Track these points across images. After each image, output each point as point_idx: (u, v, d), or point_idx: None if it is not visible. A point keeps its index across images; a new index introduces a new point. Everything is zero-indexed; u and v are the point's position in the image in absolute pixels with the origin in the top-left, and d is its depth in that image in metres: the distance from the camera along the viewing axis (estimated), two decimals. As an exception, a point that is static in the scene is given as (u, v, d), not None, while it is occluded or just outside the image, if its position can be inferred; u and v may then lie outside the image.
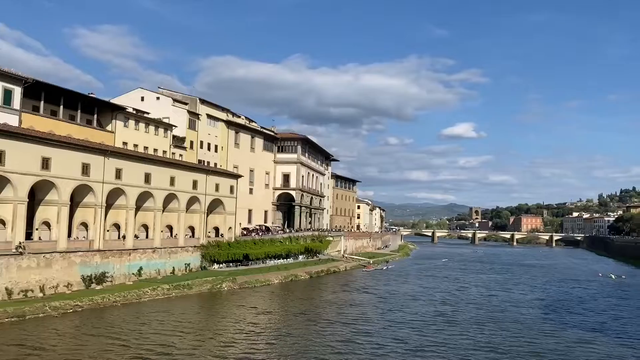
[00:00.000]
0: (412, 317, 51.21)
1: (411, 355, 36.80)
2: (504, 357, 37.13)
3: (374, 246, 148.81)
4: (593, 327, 49.01)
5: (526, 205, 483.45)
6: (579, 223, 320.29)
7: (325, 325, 46.13)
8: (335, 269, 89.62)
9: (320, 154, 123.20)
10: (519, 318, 52.70)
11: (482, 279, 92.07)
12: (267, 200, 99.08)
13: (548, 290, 78.20)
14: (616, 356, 38.37)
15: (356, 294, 66.12)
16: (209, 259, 71.03)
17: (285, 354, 35.87)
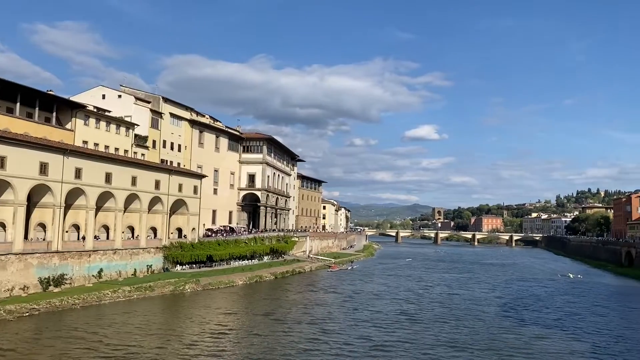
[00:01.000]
0: (377, 316, 51.85)
1: (376, 352, 37.31)
2: (465, 352, 38.06)
3: (339, 246, 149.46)
4: (550, 324, 50.62)
5: (487, 206, 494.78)
6: (538, 223, 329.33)
7: (291, 325, 46.17)
8: (300, 269, 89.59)
9: (286, 155, 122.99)
10: (479, 315, 53.99)
11: (444, 277, 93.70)
12: (231, 201, 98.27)
13: (508, 288, 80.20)
14: (571, 351, 39.77)
15: (322, 294, 66.34)
16: (171, 260, 70.00)
17: (251, 353, 35.73)
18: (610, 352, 39.86)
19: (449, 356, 36.98)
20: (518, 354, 38.09)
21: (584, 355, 38.71)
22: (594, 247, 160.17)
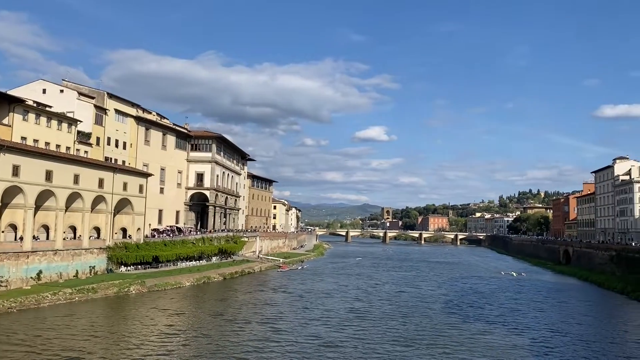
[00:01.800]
0: (327, 314, 52.24)
1: (326, 349, 37.61)
2: (411, 348, 38.88)
3: (289, 246, 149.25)
4: (492, 319, 52.40)
5: (433, 205, 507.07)
6: (482, 223, 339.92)
7: (242, 324, 45.81)
8: (250, 270, 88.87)
9: (236, 153, 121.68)
10: (426, 312, 55.32)
11: (392, 276, 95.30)
12: (179, 200, 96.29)
13: (453, 286, 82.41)
14: (513, 345, 41.32)
15: (272, 294, 66.06)
16: (115, 261, 67.91)
17: (201, 354, 35.25)
18: (549, 345, 41.68)
19: (396, 352, 37.68)
20: (462, 349, 39.23)
21: (524, 348, 40.26)
22: (535, 246, 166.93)
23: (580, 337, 45.26)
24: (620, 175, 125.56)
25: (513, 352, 38.79)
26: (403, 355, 36.79)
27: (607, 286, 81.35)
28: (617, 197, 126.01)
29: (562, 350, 39.91)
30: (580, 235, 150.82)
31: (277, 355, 35.85)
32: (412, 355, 37.07)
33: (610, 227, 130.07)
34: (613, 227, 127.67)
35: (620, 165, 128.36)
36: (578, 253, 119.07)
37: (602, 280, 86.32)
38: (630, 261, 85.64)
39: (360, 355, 36.48)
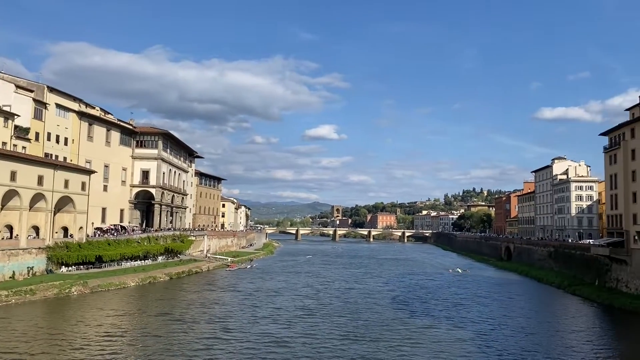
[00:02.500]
0: (277, 312, 52.31)
1: (276, 347, 37.68)
2: (360, 343, 39.50)
3: (238, 245, 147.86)
4: (438, 314, 53.86)
5: (382, 204, 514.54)
6: (428, 220, 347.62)
7: (190, 324, 45.18)
8: (197, 269, 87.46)
9: (184, 151, 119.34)
10: (374, 308, 56.19)
11: (342, 273, 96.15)
12: (123, 198, 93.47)
13: (400, 282, 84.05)
14: (457, 338, 42.70)
15: (220, 293, 65.29)
16: (56, 261, 65.23)
17: (148, 354, 34.57)
18: (491, 337, 43.30)
19: (345, 347, 38.18)
20: (408, 342, 40.25)
21: (467, 341, 41.63)
22: (478, 242, 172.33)
23: (521, 329, 47.21)
24: (558, 175, 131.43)
25: (457, 345, 40.01)
26: (351, 351, 37.29)
27: (546, 281, 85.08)
28: (555, 195, 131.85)
29: (504, 342, 41.50)
30: (521, 232, 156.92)
31: (227, 354, 35.61)
32: (360, 350, 37.63)
33: (549, 224, 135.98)
34: (551, 225, 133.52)
35: (558, 165, 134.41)
36: (519, 249, 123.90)
37: (541, 276, 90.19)
38: (566, 257, 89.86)
39: (310, 352, 36.77)
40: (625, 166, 70.13)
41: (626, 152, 70.16)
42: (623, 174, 70.46)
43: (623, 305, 58.47)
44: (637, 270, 64.00)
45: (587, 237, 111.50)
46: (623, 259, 67.16)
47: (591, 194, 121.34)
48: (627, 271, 66.48)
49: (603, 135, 79.65)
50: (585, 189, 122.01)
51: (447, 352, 37.69)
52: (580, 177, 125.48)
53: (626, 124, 71.40)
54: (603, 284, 71.13)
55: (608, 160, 76.69)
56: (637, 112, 70.21)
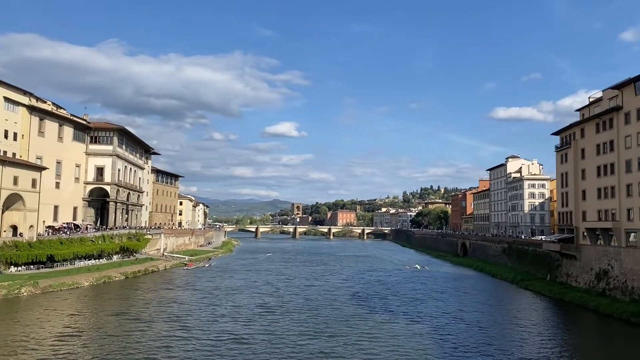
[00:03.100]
0: (237, 310, 52.02)
1: (237, 344, 37.47)
2: (319, 339, 39.71)
3: (196, 243, 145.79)
4: (396, 309, 54.66)
5: (342, 201, 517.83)
6: (387, 217, 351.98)
7: (148, 323, 44.38)
8: (154, 268, 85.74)
9: (140, 147, 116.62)
10: (334, 304, 56.52)
11: (302, 270, 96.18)
12: (77, 196, 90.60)
13: (360, 278, 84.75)
14: (414, 333, 43.50)
15: (178, 292, 64.25)
16: (4, 261, 62.66)
17: (104, 355, 33.80)
18: (447, 331, 44.29)
19: (305, 343, 38.35)
20: (366, 337, 40.78)
21: (424, 335, 42.46)
22: (435, 239, 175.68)
23: (476, 323, 48.43)
24: (512, 173, 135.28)
25: (414, 339, 40.73)
26: (310, 346, 37.47)
27: (500, 276, 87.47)
28: (509, 193, 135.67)
29: (459, 336, 42.51)
30: (476, 229, 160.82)
31: (186, 352, 35.21)
32: (319, 345, 37.87)
33: (503, 221, 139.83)
34: (505, 221, 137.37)
35: (512, 164, 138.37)
36: (474, 245, 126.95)
37: (495, 271, 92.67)
38: (520, 253, 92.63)
39: (270, 348, 36.76)
40: (575, 165, 72.78)
41: (576, 151, 72.82)
42: (573, 173, 73.11)
43: (573, 299, 60.71)
44: (586, 265, 66.62)
45: (540, 233, 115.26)
46: (573, 255, 69.75)
47: (543, 191, 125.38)
48: (576, 266, 69.09)
49: (555, 134, 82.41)
50: (538, 187, 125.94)
51: (405, 347, 38.28)
52: (532, 175, 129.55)
53: (576, 124, 74.09)
54: (554, 279, 73.68)
55: (559, 159, 79.41)
56: (587, 113, 72.99)
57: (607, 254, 62.21)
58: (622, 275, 58.12)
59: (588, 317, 53.58)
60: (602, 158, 65.52)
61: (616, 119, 62.59)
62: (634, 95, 58.91)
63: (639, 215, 56.86)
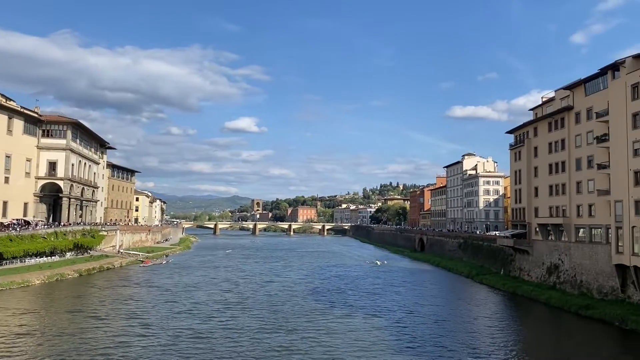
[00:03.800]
0: (197, 306, 51.54)
1: (197, 340, 37.11)
2: (278, 333, 39.75)
3: (153, 240, 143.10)
4: (355, 304, 55.28)
5: (303, 197, 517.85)
6: (347, 214, 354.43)
7: (104, 320, 43.55)
8: (109, 265, 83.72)
9: (95, 141, 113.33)
10: (293, 300, 56.70)
11: (262, 267, 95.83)
12: (27, 191, 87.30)
13: (319, 274, 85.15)
14: (372, 326, 44.16)
15: (136, 289, 63.02)
16: (-51, 259, 59.93)
17: (59, 352, 32.93)
18: (404, 324, 45.19)
19: (264, 338, 38.35)
20: (325, 332, 41.15)
21: (381, 329, 43.17)
22: (394, 234, 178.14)
23: (432, 316, 49.54)
24: (467, 170, 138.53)
25: (372, 333, 41.38)
26: (270, 341, 37.48)
27: (456, 271, 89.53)
28: (465, 189, 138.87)
29: (416, 329, 43.43)
30: (434, 225, 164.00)
31: (146, 350, 34.70)
32: (279, 340, 37.94)
33: (459, 217, 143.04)
34: (461, 217, 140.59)
35: (468, 161, 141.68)
36: (431, 241, 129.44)
37: (451, 266, 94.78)
38: (475, 248, 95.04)
39: (229, 344, 36.65)
40: (528, 163, 75.11)
41: (529, 149, 75.15)
42: (526, 170, 75.43)
43: (525, 293, 62.75)
44: (538, 260, 68.95)
45: (494, 229, 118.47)
46: (525, 250, 72.05)
47: (498, 188, 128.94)
48: (528, 261, 71.42)
49: (509, 133, 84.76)
50: (492, 184, 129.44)
51: (363, 340, 38.83)
52: (487, 172, 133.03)
53: (530, 123, 76.43)
54: (508, 273, 75.95)
55: (513, 157, 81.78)
56: (540, 112, 75.36)
57: (557, 248, 64.55)
58: (571, 269, 60.46)
59: (540, 309, 55.51)
60: (554, 156, 67.85)
61: (567, 119, 64.91)
62: (584, 96, 61.22)
63: (588, 212, 59.21)
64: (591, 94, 59.65)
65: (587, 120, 60.25)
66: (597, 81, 58.62)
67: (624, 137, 49.81)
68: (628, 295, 49.49)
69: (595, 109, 57.72)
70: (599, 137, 56.09)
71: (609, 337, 42.27)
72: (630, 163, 48.69)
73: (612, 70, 53.86)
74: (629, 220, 48.28)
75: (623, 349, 39.53)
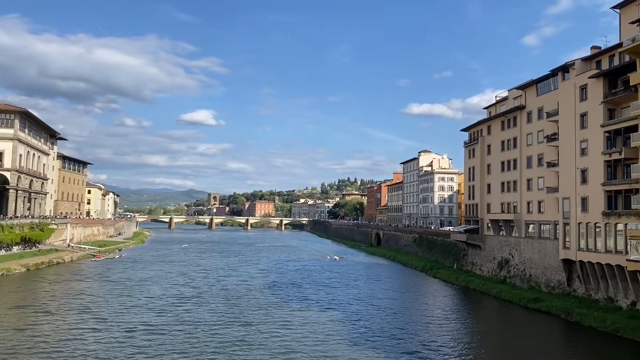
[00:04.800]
0: (151, 300, 50.84)
1: (151, 334, 36.50)
2: (234, 326, 39.60)
3: (106, 234, 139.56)
4: (312, 297, 55.69)
5: (261, 192, 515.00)
6: (305, 208, 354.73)
7: (55, 315, 42.45)
8: (59, 259, 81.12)
9: (45, 131, 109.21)
10: (251, 294, 56.61)
11: (219, 261, 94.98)
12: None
13: (277, 268, 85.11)
14: (327, 319, 44.59)
15: (88, 283, 61.43)
16: None
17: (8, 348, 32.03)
18: (359, 317, 45.90)
19: (219, 332, 38.24)
20: (282, 325, 41.33)
21: (337, 321, 43.66)
22: (351, 229, 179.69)
23: (386, 308, 50.45)
24: (423, 167, 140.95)
25: (327, 326, 41.87)
26: (226, 335, 37.34)
27: (411, 265, 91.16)
28: (420, 185, 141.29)
29: (371, 321, 44.22)
30: (390, 220, 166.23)
31: (101, 344, 34.13)
32: (235, 333, 37.86)
33: (414, 213, 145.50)
34: (417, 213, 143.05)
35: (424, 158, 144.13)
36: (387, 236, 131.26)
37: (406, 260, 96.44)
38: (429, 243, 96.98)
39: (185, 338, 36.29)
40: (481, 160, 77.10)
41: (483, 147, 77.14)
42: (480, 167, 77.42)
43: (477, 287, 64.53)
44: (490, 255, 71.00)
45: (448, 224, 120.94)
46: (478, 245, 74.04)
47: (452, 184, 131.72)
48: (480, 255, 73.45)
49: (464, 131, 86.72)
50: (447, 180, 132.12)
51: (319, 332, 39.26)
52: (443, 169, 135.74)
53: (484, 121, 78.43)
54: (461, 267, 77.91)
55: (467, 154, 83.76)
56: (494, 110, 77.42)
57: (508, 244, 66.65)
58: (521, 263, 62.55)
59: (490, 303, 57.23)
60: (506, 154, 69.90)
61: (519, 118, 66.95)
62: (535, 96, 63.27)
63: (538, 208, 61.34)
64: (542, 95, 61.73)
65: (538, 120, 62.30)
66: (548, 82, 60.72)
67: (572, 137, 51.81)
68: (574, 289, 51.65)
69: (546, 109, 59.77)
70: (549, 136, 58.17)
71: (555, 329, 44.03)
72: (577, 162, 50.71)
73: (562, 72, 55.91)
74: (576, 217, 50.33)
75: (567, 340, 41.27)
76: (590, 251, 48.17)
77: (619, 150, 45.48)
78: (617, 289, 45.26)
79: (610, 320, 41.52)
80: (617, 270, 44.46)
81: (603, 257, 46.28)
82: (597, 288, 47.87)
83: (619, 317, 41.72)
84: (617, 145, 46.51)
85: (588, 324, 42.80)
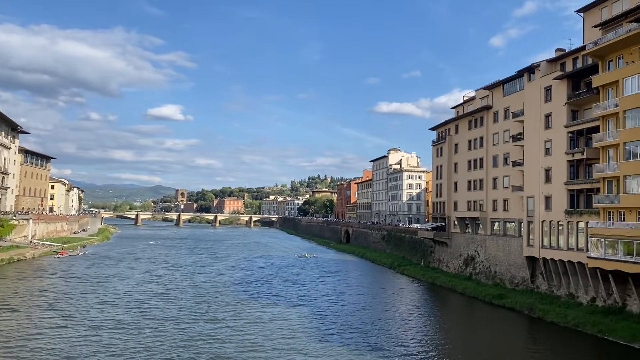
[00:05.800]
0: (117, 297, 50.00)
1: (119, 330, 35.81)
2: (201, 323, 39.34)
3: (70, 230, 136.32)
4: (281, 294, 55.77)
5: (230, 188, 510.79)
6: (275, 205, 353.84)
7: (17, 312, 41.39)
8: (20, 256, 78.84)
9: (5, 124, 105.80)
10: (219, 290, 56.35)
11: (186, 258, 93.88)
12: None
13: (245, 265, 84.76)
14: (295, 315, 44.75)
15: (51, 280, 59.93)
16: None
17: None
18: (328, 312, 46.22)
19: (189, 328, 37.91)
20: (249, 321, 41.34)
21: (305, 317, 43.85)
22: (321, 226, 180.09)
23: (355, 304, 51.04)
24: (392, 165, 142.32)
25: (295, 321, 42.08)
26: (191, 331, 37.07)
27: (379, 262, 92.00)
28: (389, 183, 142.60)
29: (339, 316, 44.62)
30: (359, 217, 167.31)
31: (66, 340, 33.47)
32: (200, 329, 37.58)
33: (383, 210, 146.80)
34: (385, 210, 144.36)
35: (393, 156, 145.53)
36: (356, 233, 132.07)
37: (375, 257, 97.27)
38: (397, 240, 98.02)
39: (151, 333, 35.88)
40: (449, 159, 78.29)
41: (450, 146, 78.32)
42: (447, 166, 78.60)
43: (443, 283, 65.57)
44: (456, 252, 72.21)
45: (416, 222, 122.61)
46: (444, 242, 75.21)
47: (420, 182, 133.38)
48: (447, 252, 74.63)
49: (432, 130, 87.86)
50: (415, 178, 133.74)
51: (287, 328, 39.37)
52: (411, 167, 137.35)
53: (451, 120, 79.62)
54: (428, 264, 79.01)
55: (435, 153, 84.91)
56: (461, 110, 78.67)
57: (474, 241, 67.91)
58: (486, 260, 63.83)
59: (456, 299, 58.25)
60: (473, 153, 71.15)
61: (486, 118, 68.21)
62: (502, 96, 64.57)
63: (503, 206, 62.68)
64: (509, 95, 63.04)
65: (505, 120, 63.60)
66: (514, 83, 62.05)
67: (537, 137, 53.11)
68: (537, 285, 53.01)
69: (512, 109, 61.08)
70: (515, 136, 59.46)
71: (519, 324, 45.16)
72: (541, 161, 52.02)
73: (528, 73, 57.19)
74: (539, 215, 51.65)
75: (530, 335, 42.35)
76: (553, 249, 49.56)
77: (581, 151, 46.92)
78: (578, 285, 46.68)
79: (571, 315, 42.80)
80: (579, 267, 45.87)
81: (565, 255, 47.68)
82: (559, 284, 49.28)
83: (580, 313, 43.05)
84: (580, 145, 47.99)
85: (550, 319, 43.97)
